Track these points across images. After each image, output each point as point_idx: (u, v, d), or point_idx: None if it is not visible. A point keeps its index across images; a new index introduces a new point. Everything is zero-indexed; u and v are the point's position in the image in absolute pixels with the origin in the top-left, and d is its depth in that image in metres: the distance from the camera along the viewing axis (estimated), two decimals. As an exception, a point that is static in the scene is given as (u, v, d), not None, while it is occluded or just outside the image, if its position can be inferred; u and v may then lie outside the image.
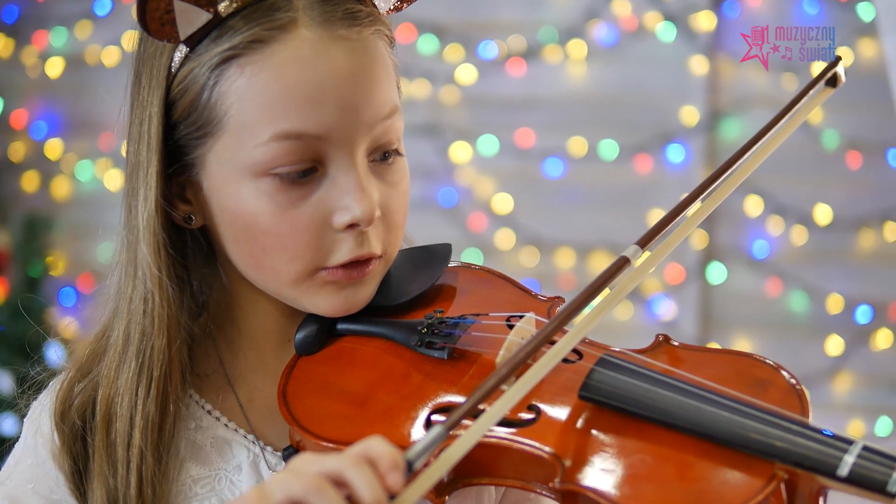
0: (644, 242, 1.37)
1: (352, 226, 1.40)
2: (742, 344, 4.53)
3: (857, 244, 4.53)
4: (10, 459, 1.52)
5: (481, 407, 1.25)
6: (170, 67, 1.42)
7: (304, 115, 1.37)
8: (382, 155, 1.44)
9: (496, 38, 4.68)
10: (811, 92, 1.53)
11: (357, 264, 1.43)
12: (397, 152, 1.46)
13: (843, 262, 4.55)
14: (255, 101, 1.37)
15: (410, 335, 1.45)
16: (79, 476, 1.47)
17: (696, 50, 4.56)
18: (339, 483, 1.11)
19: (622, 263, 1.36)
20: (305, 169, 1.39)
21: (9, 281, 4.96)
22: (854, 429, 4.47)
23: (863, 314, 4.51)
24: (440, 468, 1.18)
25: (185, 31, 1.38)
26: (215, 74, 1.38)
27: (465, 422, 1.24)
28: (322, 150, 1.39)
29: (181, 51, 1.41)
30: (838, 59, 1.55)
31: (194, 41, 1.39)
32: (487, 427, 1.21)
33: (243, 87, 1.37)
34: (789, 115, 1.51)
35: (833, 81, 1.55)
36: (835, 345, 4.52)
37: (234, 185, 1.41)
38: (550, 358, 1.27)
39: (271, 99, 1.36)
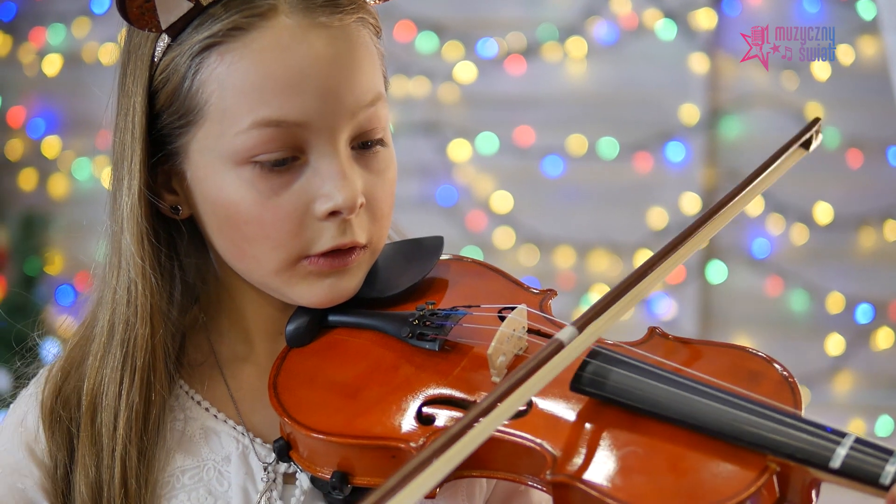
0: (581, 325, 1.27)
1: (333, 214, 1.40)
2: (742, 343, 4.50)
3: (858, 243, 4.52)
4: None
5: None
6: (153, 57, 1.42)
7: (283, 101, 1.36)
8: (366, 143, 1.43)
9: (495, 35, 4.67)
10: (785, 154, 1.50)
11: (340, 253, 1.42)
12: (382, 141, 1.45)
13: (844, 261, 4.54)
14: (234, 89, 1.37)
15: (402, 327, 1.44)
16: (62, 469, 1.46)
17: (697, 48, 4.55)
18: None
19: (557, 347, 1.24)
20: (286, 157, 1.39)
21: (6, 279, 4.95)
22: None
23: (863, 313, 4.50)
24: (421, 489, 1.14)
25: (165, 19, 1.38)
26: (196, 62, 1.38)
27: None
28: (303, 138, 1.38)
29: (164, 40, 1.41)
30: (817, 119, 1.53)
31: (176, 30, 1.39)
32: (460, 459, 1.18)
33: (223, 75, 1.37)
34: (758, 179, 1.48)
35: (807, 144, 1.53)
36: (835, 344, 4.51)
37: (216, 174, 1.41)
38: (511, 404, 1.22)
39: (250, 86, 1.36)
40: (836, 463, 1.16)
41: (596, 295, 4.58)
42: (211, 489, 1.45)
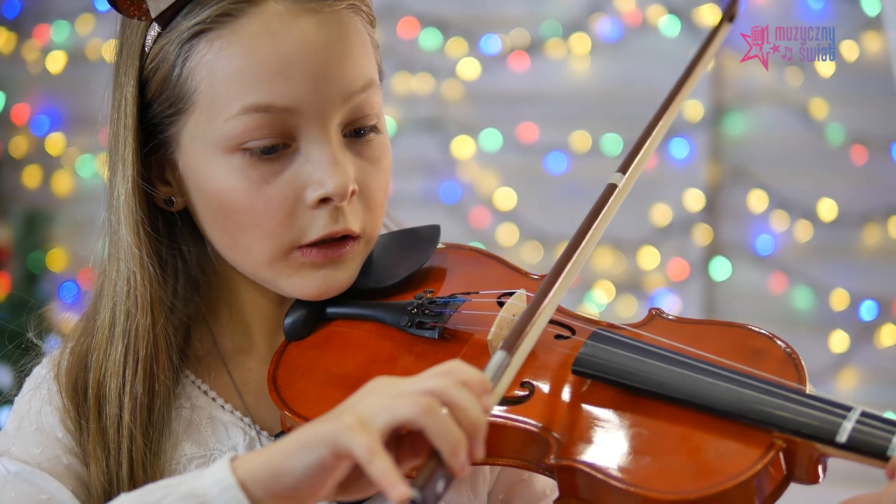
0: (624, 169, 1.44)
1: (325, 201, 1.39)
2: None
3: (862, 240, 4.50)
4: (7, 427, 1.49)
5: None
6: (143, 46, 1.43)
7: (272, 87, 1.36)
8: (358, 130, 1.43)
9: (499, 32, 4.66)
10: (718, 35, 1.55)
11: (333, 244, 1.42)
12: (375, 128, 1.45)
13: (848, 258, 4.52)
14: (223, 75, 1.37)
15: (401, 316, 1.44)
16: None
17: (700, 44, 4.53)
18: (442, 403, 1.10)
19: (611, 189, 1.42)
20: (276, 143, 1.38)
21: (9, 276, 4.95)
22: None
23: (867, 310, 4.47)
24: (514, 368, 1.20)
25: (155, 7, 1.38)
26: (185, 50, 1.38)
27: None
28: (293, 124, 1.38)
29: (154, 29, 1.41)
30: None
31: (166, 18, 1.40)
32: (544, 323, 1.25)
33: (212, 62, 1.37)
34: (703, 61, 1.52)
35: (731, 17, 1.58)
36: (839, 341, 4.49)
37: (207, 163, 1.40)
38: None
39: (240, 72, 1.36)
40: (842, 437, 1.16)
41: (600, 292, 4.57)
42: None
